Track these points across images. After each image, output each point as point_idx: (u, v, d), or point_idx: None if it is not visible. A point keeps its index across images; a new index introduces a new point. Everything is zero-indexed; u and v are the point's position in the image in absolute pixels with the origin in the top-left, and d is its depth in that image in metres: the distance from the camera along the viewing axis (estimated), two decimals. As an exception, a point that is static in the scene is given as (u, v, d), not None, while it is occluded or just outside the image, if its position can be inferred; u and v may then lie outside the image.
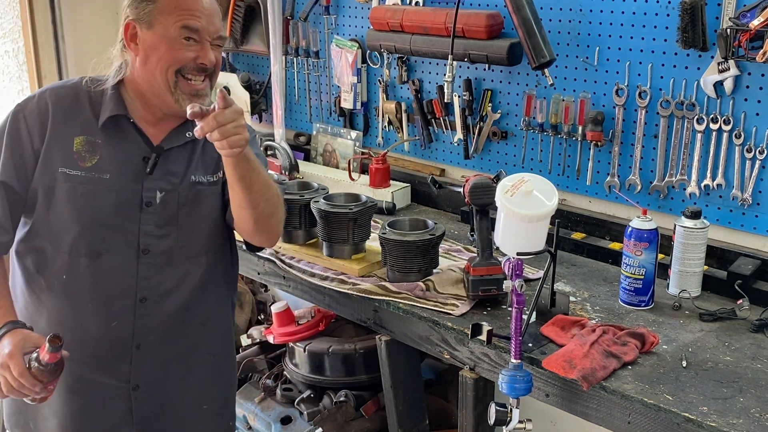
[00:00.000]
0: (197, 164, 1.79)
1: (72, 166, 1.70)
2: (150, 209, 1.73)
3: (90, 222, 1.70)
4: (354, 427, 2.46)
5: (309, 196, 2.29)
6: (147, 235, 1.74)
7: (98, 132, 1.72)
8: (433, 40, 2.50)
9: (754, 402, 1.53)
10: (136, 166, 1.73)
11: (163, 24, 1.66)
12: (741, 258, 2.05)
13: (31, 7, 3.94)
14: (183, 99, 1.68)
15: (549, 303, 1.89)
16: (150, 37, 1.68)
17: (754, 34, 1.87)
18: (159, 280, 1.76)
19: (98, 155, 1.71)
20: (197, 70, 1.70)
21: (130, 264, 1.74)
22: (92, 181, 1.70)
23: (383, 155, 2.72)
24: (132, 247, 1.73)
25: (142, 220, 1.73)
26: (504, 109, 2.54)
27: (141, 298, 1.75)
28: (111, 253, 1.72)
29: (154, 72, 1.68)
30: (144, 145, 1.74)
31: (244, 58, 3.41)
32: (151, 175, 1.73)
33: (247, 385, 2.81)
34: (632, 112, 2.23)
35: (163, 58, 1.67)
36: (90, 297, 1.73)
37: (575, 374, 1.60)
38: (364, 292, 2.06)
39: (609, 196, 2.33)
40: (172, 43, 1.67)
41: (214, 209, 1.82)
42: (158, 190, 1.74)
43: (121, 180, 1.72)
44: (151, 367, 1.80)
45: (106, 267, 1.72)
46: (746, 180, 2.04)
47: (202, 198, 1.79)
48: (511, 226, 1.70)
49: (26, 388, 1.58)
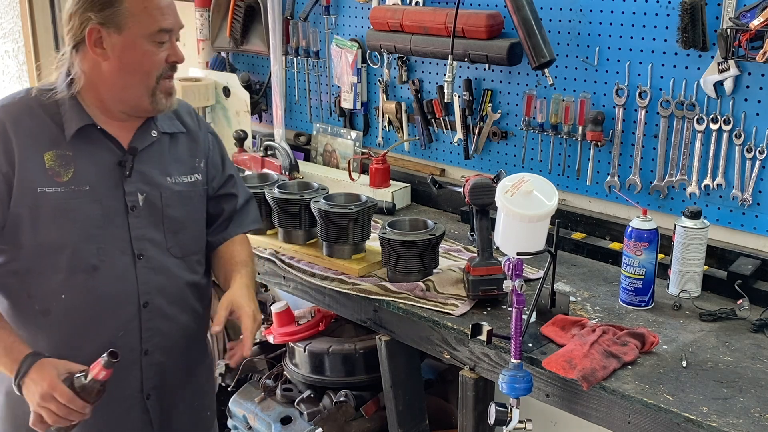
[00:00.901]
0: (170, 165, 1.80)
1: (49, 183, 1.64)
2: (136, 213, 1.72)
3: (81, 236, 1.67)
4: (354, 427, 2.46)
5: (309, 196, 2.29)
6: (139, 240, 1.73)
7: (67, 145, 1.67)
8: (433, 40, 2.50)
9: (754, 402, 1.53)
10: (112, 171, 1.71)
11: (134, 28, 1.63)
12: (741, 258, 2.05)
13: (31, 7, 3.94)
14: (161, 99, 1.70)
15: (549, 303, 1.89)
16: (122, 42, 1.64)
17: (754, 34, 1.87)
18: (157, 283, 1.76)
19: (72, 168, 1.67)
20: (171, 70, 1.70)
21: (128, 271, 1.72)
22: (74, 195, 1.66)
23: (383, 155, 2.72)
24: (127, 254, 1.72)
25: (132, 225, 1.72)
26: (504, 109, 2.54)
27: (144, 303, 1.74)
28: (108, 264, 1.70)
29: (131, 78, 1.67)
30: (116, 149, 1.72)
31: (244, 58, 3.41)
32: (130, 178, 1.72)
33: (247, 385, 2.81)
34: (632, 112, 2.23)
35: (143, 64, 1.66)
36: (93, 311, 1.71)
37: (575, 374, 1.60)
38: (364, 292, 2.06)
39: (609, 196, 2.33)
40: (149, 47, 1.66)
41: (198, 212, 1.85)
42: (139, 192, 1.73)
43: (101, 188, 1.69)
44: (157, 371, 1.79)
45: (105, 278, 1.70)
46: (746, 180, 2.04)
47: (185, 199, 1.80)
48: (511, 226, 1.70)
49: (76, 413, 1.57)
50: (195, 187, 1.83)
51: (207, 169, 1.89)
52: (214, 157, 1.92)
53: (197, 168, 1.85)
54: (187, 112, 1.89)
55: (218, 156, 1.94)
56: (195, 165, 1.85)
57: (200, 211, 1.86)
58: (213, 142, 1.94)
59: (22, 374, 1.58)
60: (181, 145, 1.84)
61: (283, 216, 2.32)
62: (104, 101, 1.70)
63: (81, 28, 1.64)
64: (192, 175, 1.83)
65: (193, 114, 1.92)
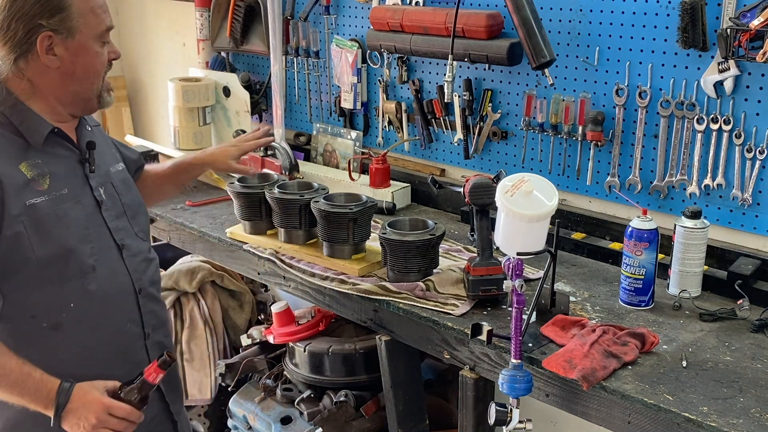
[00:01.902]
0: (107, 155, 1.88)
1: (34, 194, 1.64)
2: (105, 206, 1.77)
3: (77, 239, 1.69)
4: (354, 427, 2.46)
5: (309, 196, 2.29)
6: (117, 231, 1.78)
7: (35, 153, 1.67)
8: (433, 40, 2.50)
9: (754, 402, 1.53)
10: (77, 170, 1.75)
11: (85, 30, 1.64)
12: (741, 258, 2.05)
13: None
14: (105, 96, 1.76)
15: (549, 303, 1.90)
16: (74, 46, 1.64)
17: (754, 34, 1.87)
18: (141, 268, 1.84)
19: (48, 174, 1.67)
20: (109, 66, 1.75)
21: (119, 264, 1.78)
22: (57, 201, 1.67)
23: (383, 155, 2.72)
24: (113, 248, 1.77)
25: (107, 219, 1.76)
26: (504, 109, 2.54)
27: (138, 290, 1.81)
28: (102, 262, 1.73)
29: (84, 80, 1.69)
30: (73, 148, 1.75)
31: (244, 58, 3.41)
32: (93, 174, 1.76)
33: (247, 385, 2.81)
34: (632, 112, 2.23)
35: (95, 65, 1.69)
36: (102, 310, 1.74)
37: (575, 374, 1.60)
38: (364, 292, 2.06)
39: (609, 196, 2.33)
40: (98, 48, 1.68)
41: (138, 194, 1.94)
42: (100, 186, 1.78)
43: (76, 189, 1.72)
44: (159, 351, 1.83)
45: (104, 276, 1.73)
46: (746, 180, 2.04)
47: (128, 184, 1.90)
48: (511, 226, 1.70)
49: (134, 424, 1.62)
50: (126, 173, 1.92)
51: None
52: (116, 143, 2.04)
53: (116, 155, 1.94)
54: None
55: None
56: (114, 153, 1.94)
57: (138, 194, 1.94)
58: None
59: (63, 406, 1.58)
60: (102, 136, 1.92)
61: (283, 216, 2.32)
62: (53, 106, 1.70)
63: (28, 36, 1.60)
64: (120, 163, 1.92)
65: None
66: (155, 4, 3.69)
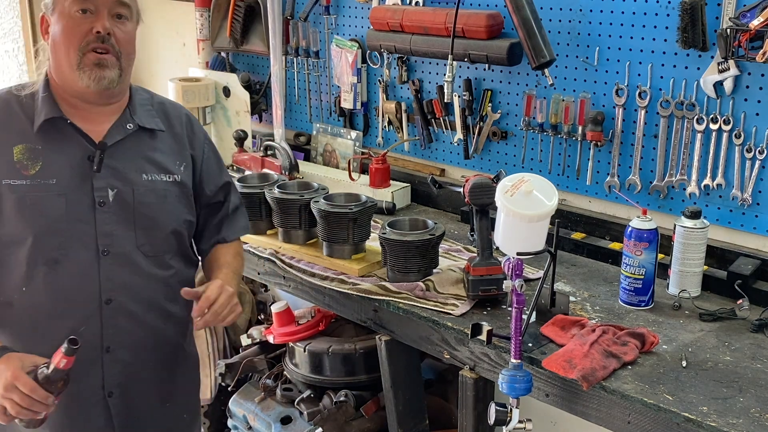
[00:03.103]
0: (147, 162, 1.78)
1: (15, 176, 1.65)
2: (105, 209, 1.71)
3: (43, 230, 1.66)
4: (354, 427, 2.46)
5: (309, 196, 2.29)
6: (105, 236, 1.71)
7: (36, 138, 1.68)
8: (433, 40, 2.50)
9: (754, 402, 1.53)
10: (81, 166, 1.70)
11: (60, 4, 1.66)
12: (741, 258, 2.05)
13: (31, 7, 3.94)
14: (84, 72, 1.66)
15: (549, 303, 1.90)
16: (55, 19, 1.67)
17: (754, 34, 1.87)
18: (122, 280, 1.73)
19: (41, 161, 1.67)
20: (96, 41, 1.66)
21: (91, 267, 1.70)
22: (39, 188, 1.66)
23: (383, 155, 2.72)
24: (90, 250, 1.70)
25: (98, 221, 1.70)
26: (504, 109, 2.54)
27: (106, 300, 1.72)
28: (69, 259, 1.69)
29: (58, 53, 1.68)
30: (86, 144, 1.72)
31: (244, 58, 3.41)
32: (99, 173, 1.70)
33: (247, 385, 2.81)
34: (632, 112, 2.23)
35: (63, 35, 1.66)
36: (53, 305, 1.70)
37: (575, 374, 1.60)
38: (364, 292, 2.06)
39: (609, 196, 2.33)
40: (68, 18, 1.66)
41: (173, 212, 1.81)
42: (109, 188, 1.71)
43: (68, 183, 1.69)
44: (121, 369, 1.77)
45: (65, 273, 1.69)
46: (746, 180, 2.05)
47: (160, 198, 1.78)
48: (511, 226, 1.70)
49: (39, 404, 1.56)
50: (171, 187, 1.80)
51: (195, 175, 1.87)
52: (209, 165, 1.91)
53: (177, 170, 1.81)
54: (177, 116, 1.87)
55: (214, 164, 1.93)
56: (175, 166, 1.82)
57: (176, 212, 1.81)
58: (209, 150, 1.92)
59: None
60: (162, 143, 1.82)
61: (283, 216, 2.32)
62: (59, 88, 1.72)
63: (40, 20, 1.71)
64: (170, 175, 1.80)
65: (188, 120, 1.90)
66: (155, 4, 3.69)
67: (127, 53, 1.72)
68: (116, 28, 1.68)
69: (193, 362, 2.01)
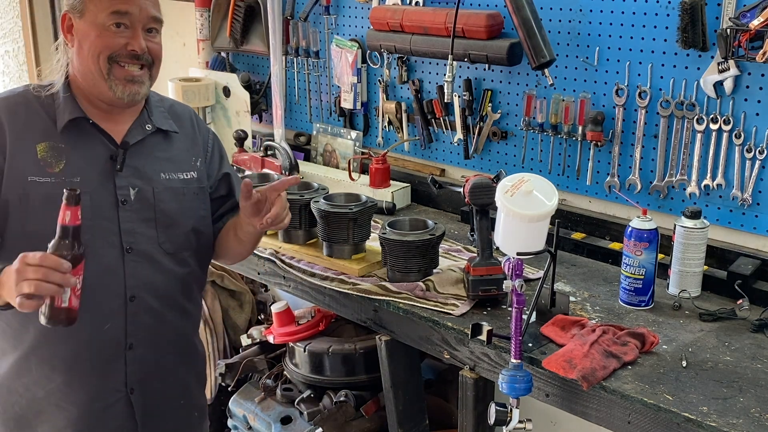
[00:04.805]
0: (165, 161, 1.81)
1: (40, 173, 1.67)
2: (127, 207, 1.73)
3: None
4: (354, 427, 2.46)
5: (309, 196, 2.29)
6: (129, 233, 1.73)
7: (59, 137, 1.70)
8: (433, 40, 2.50)
9: (754, 402, 1.53)
10: (104, 165, 1.73)
11: (92, 11, 1.67)
12: (741, 258, 2.05)
13: (31, 7, 3.94)
14: (117, 85, 1.69)
15: (549, 303, 1.90)
16: (82, 26, 1.68)
17: (754, 34, 1.87)
18: (146, 277, 1.76)
19: (64, 159, 1.69)
20: (130, 57, 1.70)
21: (116, 263, 1.73)
22: (63, 186, 1.64)
23: (383, 155, 2.72)
24: (115, 247, 1.72)
25: (122, 219, 1.73)
26: (504, 109, 2.54)
27: (130, 297, 1.74)
28: (95, 255, 1.68)
29: (87, 60, 1.69)
30: (108, 143, 1.74)
31: (244, 58, 3.41)
32: (122, 173, 1.73)
33: (247, 385, 2.81)
34: (632, 112, 2.23)
35: (94, 45, 1.67)
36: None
37: (575, 374, 1.60)
38: (364, 292, 2.06)
39: (609, 196, 2.33)
40: (101, 30, 1.67)
41: (192, 209, 1.84)
42: (131, 187, 1.74)
43: (92, 181, 1.71)
44: (142, 366, 1.79)
45: (91, 269, 1.66)
46: (746, 180, 2.05)
47: (179, 195, 1.81)
48: (511, 226, 1.70)
49: (54, 272, 1.46)
50: (189, 184, 1.84)
51: (206, 168, 1.90)
52: (213, 156, 1.94)
53: (193, 166, 1.86)
54: (186, 116, 1.92)
55: (218, 155, 1.96)
56: (191, 163, 1.86)
57: (194, 209, 1.85)
58: (214, 141, 1.96)
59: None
60: (177, 143, 1.86)
61: (283, 216, 2.32)
62: (82, 89, 1.73)
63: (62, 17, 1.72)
64: (187, 173, 1.84)
65: (195, 118, 1.95)
66: (155, 4, 3.68)
67: (158, 61, 1.78)
68: (149, 42, 1.74)
69: (202, 359, 2.03)
